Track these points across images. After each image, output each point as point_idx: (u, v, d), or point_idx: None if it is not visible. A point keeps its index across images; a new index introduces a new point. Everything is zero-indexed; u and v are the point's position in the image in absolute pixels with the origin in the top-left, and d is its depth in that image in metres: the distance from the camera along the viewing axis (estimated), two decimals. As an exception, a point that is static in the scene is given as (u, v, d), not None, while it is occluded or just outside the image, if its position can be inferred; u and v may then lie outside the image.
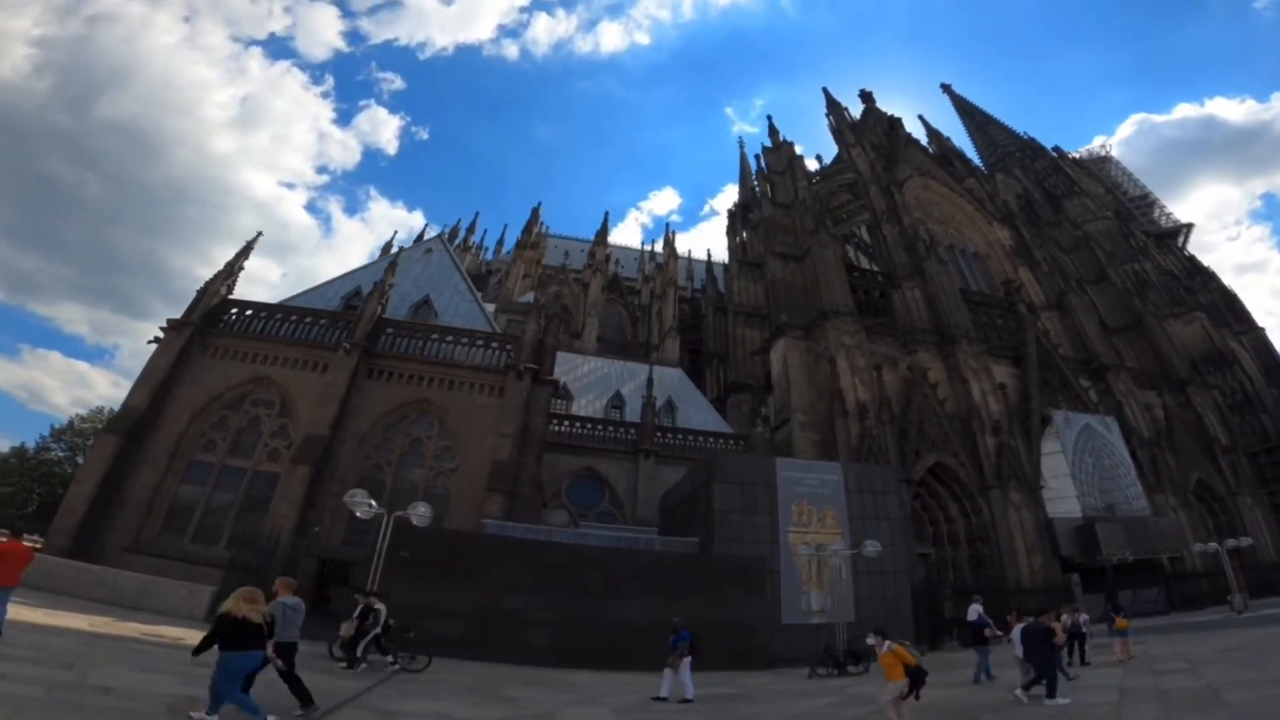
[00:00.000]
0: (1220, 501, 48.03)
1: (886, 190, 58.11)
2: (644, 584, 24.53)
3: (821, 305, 46.30)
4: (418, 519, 21.87)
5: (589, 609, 23.28)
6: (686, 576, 25.92)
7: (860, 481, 30.36)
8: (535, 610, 22.72)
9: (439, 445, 32.54)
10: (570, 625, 22.61)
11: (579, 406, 45.26)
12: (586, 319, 63.53)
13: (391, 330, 34.99)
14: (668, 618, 23.78)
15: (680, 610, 24.54)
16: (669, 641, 18.65)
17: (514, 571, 23.42)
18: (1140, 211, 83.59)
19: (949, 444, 43.30)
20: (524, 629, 22.23)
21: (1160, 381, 53.13)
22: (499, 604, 22.34)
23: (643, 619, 23.00)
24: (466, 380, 33.57)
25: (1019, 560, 40.59)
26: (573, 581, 23.67)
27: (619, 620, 23.35)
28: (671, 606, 24.31)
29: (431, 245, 43.38)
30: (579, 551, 26.05)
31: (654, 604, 23.52)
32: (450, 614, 21.80)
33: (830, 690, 19.10)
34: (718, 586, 25.71)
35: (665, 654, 20.05)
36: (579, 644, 22.14)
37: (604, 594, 23.72)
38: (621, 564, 25.71)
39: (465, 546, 25.36)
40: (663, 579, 25.17)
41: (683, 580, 25.57)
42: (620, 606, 23.56)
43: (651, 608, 23.32)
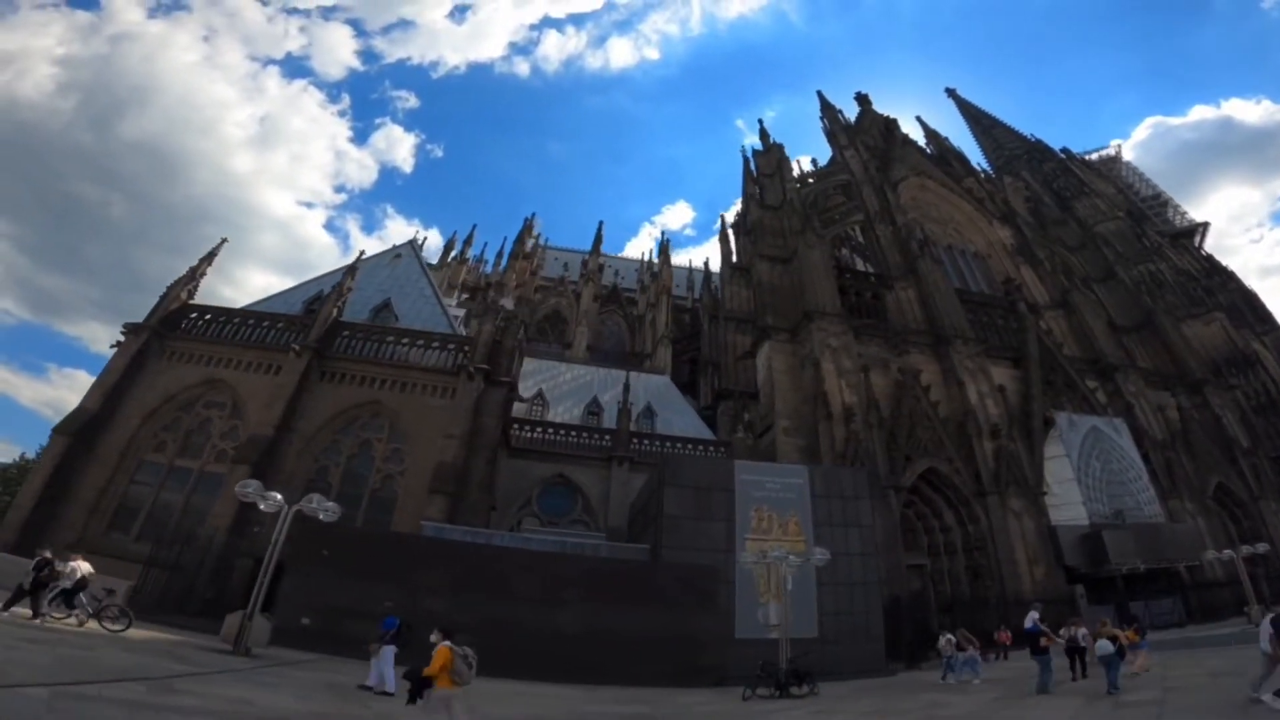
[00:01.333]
0: (1242, 507, 43.75)
1: (880, 190, 55.37)
2: (581, 591, 22.54)
3: (807, 306, 43.47)
4: (325, 515, 20.11)
5: (519, 616, 21.41)
6: (630, 585, 23.66)
7: (828, 486, 27.49)
8: (457, 614, 20.33)
9: (389, 447, 31.00)
10: (495, 632, 20.30)
11: (556, 413, 42.98)
12: (576, 328, 61.51)
13: (347, 333, 33.71)
14: (608, 628, 21.81)
15: (623, 622, 22.46)
16: (607, 654, 16.85)
17: (438, 574, 21.81)
18: (1153, 212, 79.27)
19: (942, 449, 39.97)
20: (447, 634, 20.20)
21: (1174, 382, 49.08)
22: (420, 607, 20.34)
23: (578, 628, 21.40)
24: (419, 382, 31.98)
25: (1020, 570, 36.97)
26: (501, 586, 21.87)
27: (551, 629, 21.42)
28: (612, 616, 22.38)
29: (401, 251, 41.93)
30: (511, 555, 23.96)
31: (592, 613, 21.82)
32: (372, 615, 19.46)
33: (761, 715, 16.28)
34: (665, 597, 23.46)
35: (605, 666, 18.02)
36: (505, 652, 19.58)
37: (537, 600, 21.85)
38: (557, 570, 23.56)
39: (389, 547, 24.05)
40: (604, 587, 23.11)
41: (626, 589, 23.43)
42: (553, 614, 21.69)
43: (589, 617, 21.70)
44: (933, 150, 67.92)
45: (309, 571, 21.45)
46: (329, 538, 22.77)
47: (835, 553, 26.09)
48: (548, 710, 15.65)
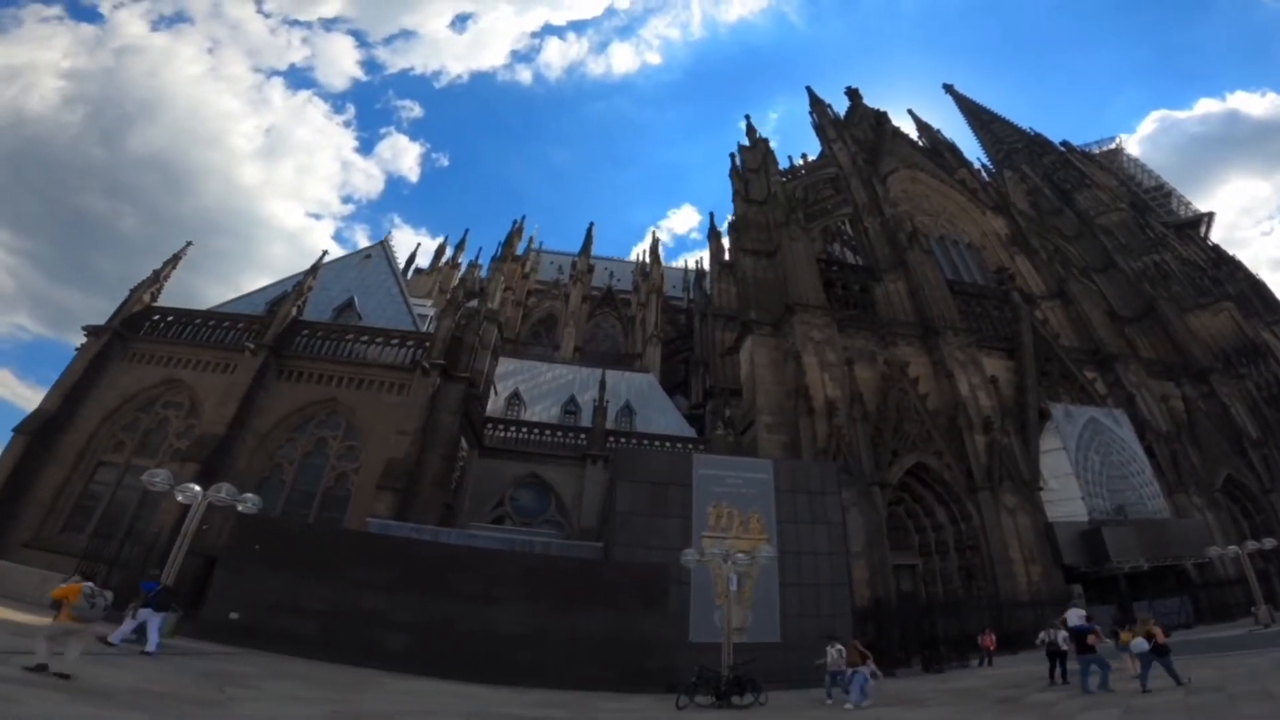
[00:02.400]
0: (1254, 500, 40.72)
1: (868, 183, 53.17)
2: (522, 590, 21.00)
3: (789, 299, 41.34)
4: (243, 506, 20.02)
5: (456, 614, 20.16)
6: (576, 585, 21.93)
7: (794, 480, 25.35)
8: (394, 612, 20.00)
9: (345, 445, 29.88)
10: (432, 630, 19.78)
11: (534, 413, 41.23)
12: (564, 329, 59.79)
13: (307, 332, 32.66)
14: (551, 629, 20.08)
15: (568, 623, 20.79)
16: (549, 656, 17.14)
17: (375, 570, 20.73)
18: (1157, 203, 76.02)
19: (931, 443, 37.55)
20: (381, 631, 19.60)
21: (1179, 371, 46.12)
22: (356, 604, 19.86)
23: (519, 629, 20.05)
24: (376, 379, 30.70)
25: (1015, 570, 34.44)
26: (439, 583, 20.55)
27: (489, 629, 20.03)
28: (555, 617, 20.89)
29: (371, 252, 40.62)
30: (450, 552, 22.39)
31: (533, 613, 20.39)
32: (305, 612, 19.55)
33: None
34: (612, 597, 21.70)
35: (547, 669, 16.61)
36: (442, 651, 19.35)
37: (476, 599, 20.48)
38: (497, 567, 21.80)
39: (325, 543, 23.09)
40: (547, 586, 21.41)
41: (571, 589, 21.68)
42: (492, 613, 20.30)
43: (530, 617, 20.29)
44: (925, 143, 65.51)
45: (240, 566, 20.70)
46: (264, 533, 22.09)
47: (801, 551, 24.13)
48: (444, 708, 13.80)
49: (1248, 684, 12.03)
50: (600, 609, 21.16)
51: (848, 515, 34.40)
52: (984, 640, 25.79)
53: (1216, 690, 11.62)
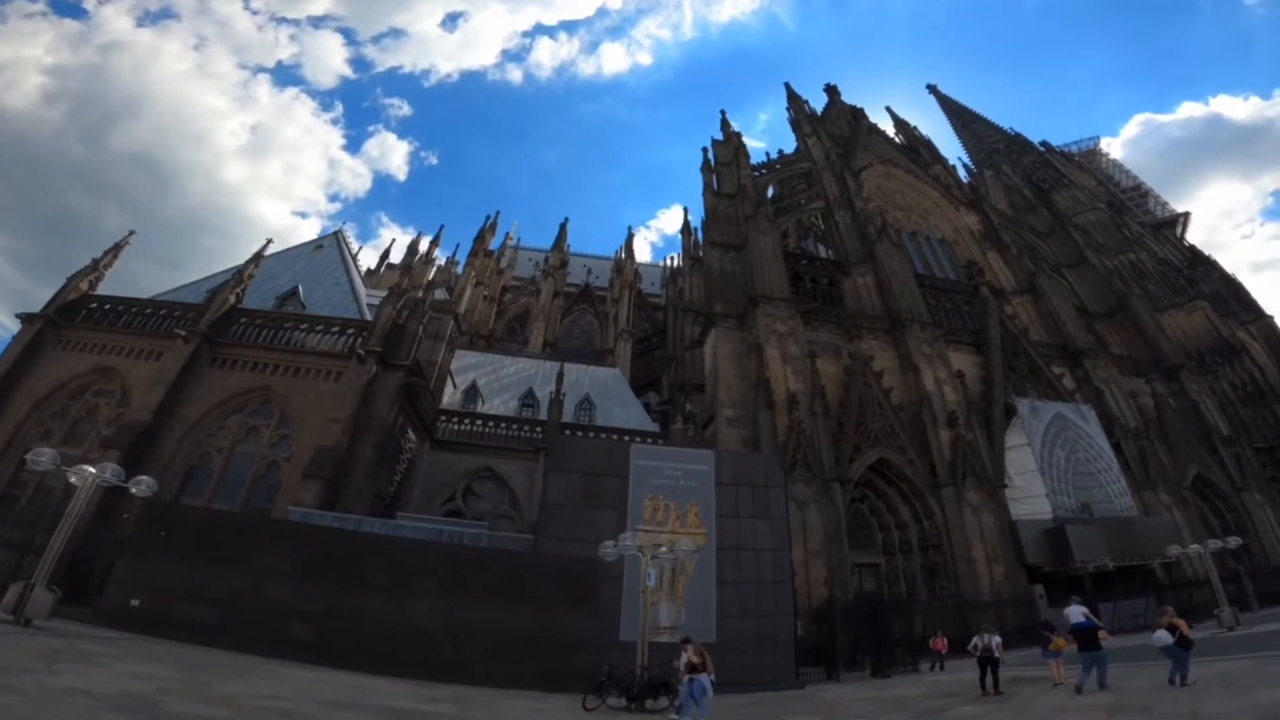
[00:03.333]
0: (1224, 499, 39.48)
1: (840, 177, 51.90)
2: (444, 582, 19.91)
3: (754, 291, 39.98)
4: (137, 489, 18.99)
5: (369, 605, 19.09)
6: (500, 578, 20.73)
7: (737, 473, 23.90)
8: (302, 601, 18.98)
9: (277, 434, 28.52)
10: (343, 621, 18.81)
11: (492, 406, 39.73)
12: (534, 324, 58.32)
13: (244, 320, 31.12)
14: (471, 623, 19.12)
15: (490, 617, 19.65)
16: (469, 651, 17.09)
17: (284, 558, 19.81)
18: (1134, 203, 75.17)
19: (895, 438, 36.22)
20: (287, 621, 18.62)
21: (1149, 368, 44.90)
22: (263, 592, 18.93)
23: (437, 622, 19.10)
24: (312, 367, 29.33)
25: (977, 569, 33.14)
26: (353, 574, 19.54)
27: (405, 621, 19.05)
28: (477, 610, 19.81)
29: (323, 242, 39.22)
30: (365, 541, 21.13)
31: (453, 606, 19.37)
32: (208, 599, 18.71)
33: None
34: (539, 591, 20.44)
35: (466, 664, 17.30)
36: (350, 642, 18.44)
37: (392, 590, 19.44)
38: (414, 558, 20.61)
39: (233, 529, 22.08)
40: (468, 579, 20.22)
41: (495, 582, 20.37)
42: (410, 605, 19.34)
43: (451, 610, 19.28)
44: (902, 140, 64.30)
45: (145, 553, 19.92)
46: (171, 519, 21.44)
47: (742, 548, 22.67)
48: (306, 694, 12.54)
49: (1176, 703, 10.63)
50: (524, 604, 20.00)
51: (806, 512, 33.20)
52: (935, 644, 24.43)
53: (1141, 712, 10.21)
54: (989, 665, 15.39)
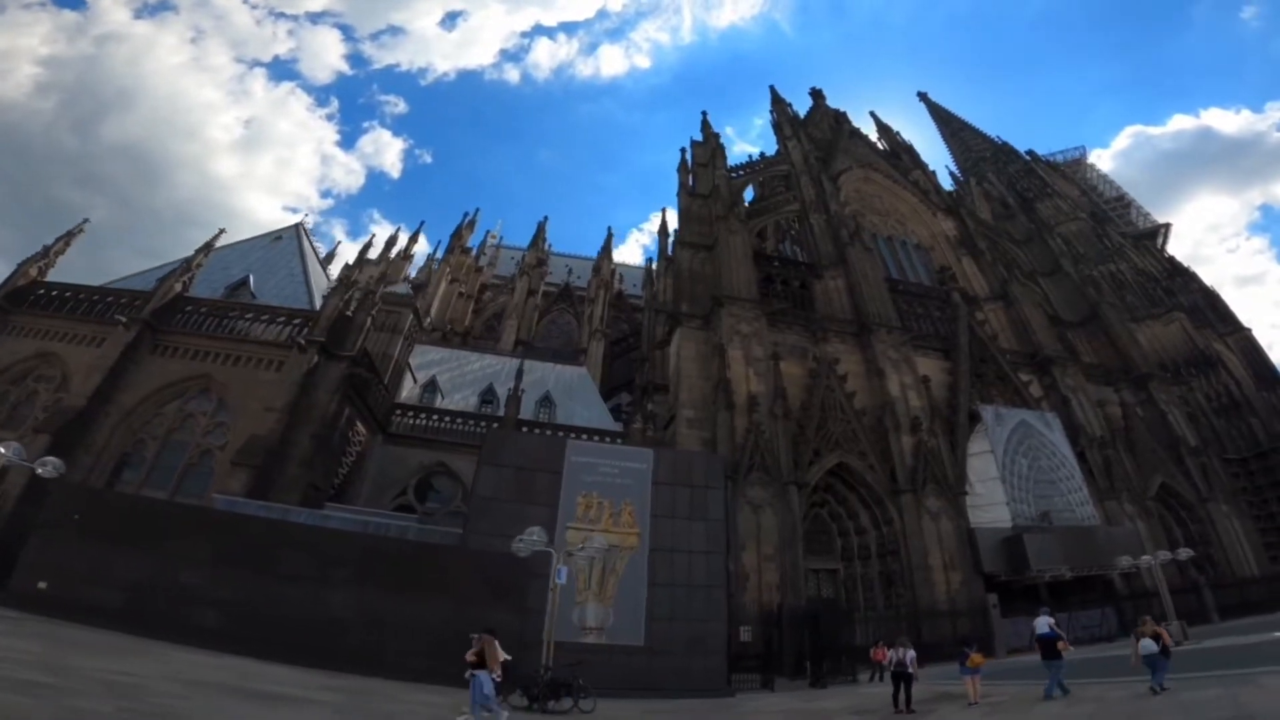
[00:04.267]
0: (1190, 509, 38.78)
1: (817, 180, 51.28)
2: (362, 574, 19.24)
3: (720, 291, 39.31)
4: (43, 470, 18.64)
5: (284, 595, 18.58)
6: (423, 571, 19.94)
7: (674, 472, 23.18)
8: (214, 589, 18.54)
9: (214, 422, 27.88)
10: (255, 609, 18.31)
11: (452, 402, 38.99)
12: (507, 321, 57.63)
13: (190, 308, 30.43)
14: (389, 616, 18.59)
15: (409, 611, 18.84)
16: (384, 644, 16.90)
17: (199, 545, 19.21)
18: (1117, 213, 74.76)
19: (856, 443, 35.49)
20: (196, 608, 18.23)
21: (1118, 377, 44.24)
22: (173, 578, 18.51)
23: (352, 613, 18.53)
24: (254, 356, 28.72)
25: (934, 577, 32.42)
26: (269, 562, 19.03)
27: (320, 612, 18.50)
28: (396, 604, 19.28)
29: (282, 234, 38.50)
30: (284, 530, 20.57)
31: (372, 598, 18.82)
32: (115, 584, 18.35)
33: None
34: (461, 587, 19.83)
35: (381, 657, 16.97)
36: (261, 630, 17.93)
37: (308, 580, 18.92)
38: (332, 549, 19.87)
39: (147, 513, 21.25)
40: (390, 571, 19.56)
41: (417, 575, 19.68)
42: (325, 595, 18.79)
43: (368, 602, 18.73)
44: (885, 145, 63.76)
45: (56, 536, 19.30)
46: (85, 502, 20.79)
47: (675, 549, 21.95)
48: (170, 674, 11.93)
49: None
50: (445, 598, 19.35)
51: (761, 515, 32.48)
52: (876, 653, 23.67)
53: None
54: (902, 681, 14.67)
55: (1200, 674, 14.46)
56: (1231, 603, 33.66)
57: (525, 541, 17.28)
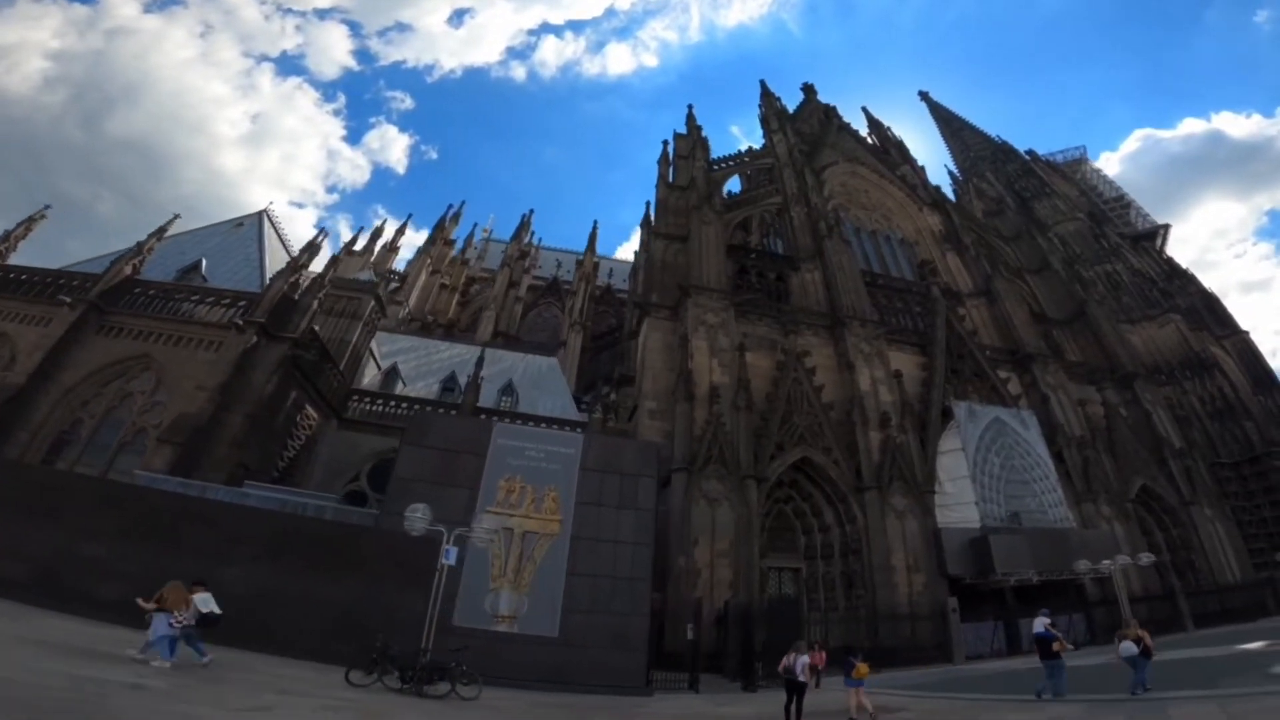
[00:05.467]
0: (1171, 513, 37.08)
1: (800, 173, 50.00)
2: (267, 551, 18.64)
3: (689, 281, 38.24)
4: None
5: (186, 569, 17.36)
6: (331, 551, 19.18)
7: (605, 459, 22.09)
8: (117, 562, 17.94)
9: (151, 401, 27.11)
10: (154, 583, 16.54)
11: (415, 389, 38.21)
12: (484, 312, 56.84)
13: (139, 290, 29.87)
14: (288, 594, 18.07)
15: (311, 590, 18.09)
16: (282, 622, 16.86)
17: (102, 519, 18.63)
18: (1116, 214, 72.72)
19: (821, 438, 34.20)
20: (99, 581, 17.62)
21: (1102, 375, 42.52)
22: (79, 551, 18.00)
23: (253, 590, 17.75)
24: (196, 337, 28.15)
25: (896, 578, 31.13)
26: (173, 537, 18.39)
27: (219, 587, 17.27)
28: (297, 582, 18.28)
29: (244, 220, 37.89)
30: (188, 505, 19.64)
31: (275, 575, 18.23)
32: (22, 556, 17.86)
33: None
34: (370, 568, 19.12)
35: (277, 635, 16.72)
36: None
37: (210, 555, 18.09)
38: (243, 526, 19.26)
39: (53, 485, 20.58)
40: (298, 550, 18.92)
41: (325, 555, 18.97)
42: (226, 572, 17.70)
43: (270, 579, 18.12)
44: (875, 140, 62.32)
45: None
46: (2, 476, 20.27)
47: (600, 539, 20.88)
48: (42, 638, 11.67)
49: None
50: (354, 580, 18.70)
51: (717, 510, 31.26)
52: (814, 657, 22.42)
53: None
54: (794, 690, 13.47)
55: (1111, 697, 13.31)
56: (1211, 610, 32.06)
57: (410, 519, 16.28)
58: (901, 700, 16.66)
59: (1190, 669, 15.01)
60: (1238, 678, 13.71)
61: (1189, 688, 12.99)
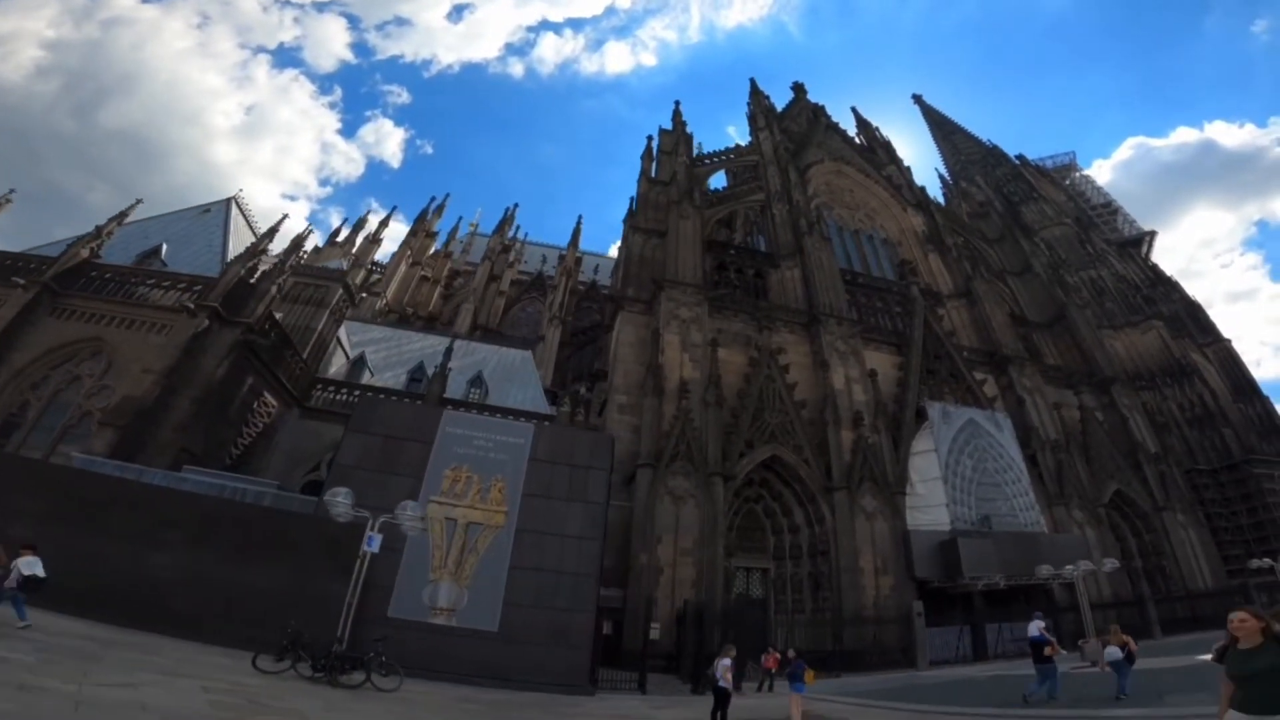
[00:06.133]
0: (1145, 518, 36.63)
1: (784, 171, 49.45)
2: (196, 537, 18.04)
3: (664, 275, 37.66)
4: None
5: (110, 553, 17.32)
6: (263, 537, 18.60)
7: (555, 450, 21.43)
8: (40, 544, 16.14)
9: (99, 384, 26.24)
10: (76, 567, 16.56)
11: (382, 379, 37.52)
12: (463, 305, 56.16)
13: (95, 273, 29.11)
14: (219, 581, 17.42)
15: (243, 577, 17.58)
16: (211, 609, 16.51)
17: (30, 500, 17.92)
18: (1103, 220, 72.42)
19: (792, 436, 33.62)
20: None
21: (1080, 379, 42.05)
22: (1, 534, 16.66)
23: (180, 575, 17.30)
24: (149, 320, 27.37)
25: (863, 580, 30.56)
26: (98, 520, 17.76)
27: (145, 572, 17.29)
28: (227, 569, 17.53)
29: (211, 206, 37.08)
30: (114, 488, 18.87)
31: (204, 561, 17.63)
32: None
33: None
34: (302, 556, 18.45)
35: (206, 622, 16.23)
36: (83, 589, 16.41)
37: (136, 539, 17.67)
38: (172, 510, 18.51)
39: None
40: (228, 535, 18.30)
41: (256, 541, 18.42)
42: (153, 556, 17.51)
43: (198, 565, 17.53)
44: (863, 140, 61.84)
45: None
46: None
47: (546, 532, 20.23)
48: None
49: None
50: (287, 567, 18.05)
51: (682, 507, 30.62)
52: (766, 660, 21.95)
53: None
54: (718, 697, 12.80)
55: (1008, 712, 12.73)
56: (1181, 617, 31.61)
57: (331, 503, 15.61)
58: (845, 710, 16.05)
59: (1142, 680, 14.39)
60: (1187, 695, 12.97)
61: (1136, 704, 12.44)
